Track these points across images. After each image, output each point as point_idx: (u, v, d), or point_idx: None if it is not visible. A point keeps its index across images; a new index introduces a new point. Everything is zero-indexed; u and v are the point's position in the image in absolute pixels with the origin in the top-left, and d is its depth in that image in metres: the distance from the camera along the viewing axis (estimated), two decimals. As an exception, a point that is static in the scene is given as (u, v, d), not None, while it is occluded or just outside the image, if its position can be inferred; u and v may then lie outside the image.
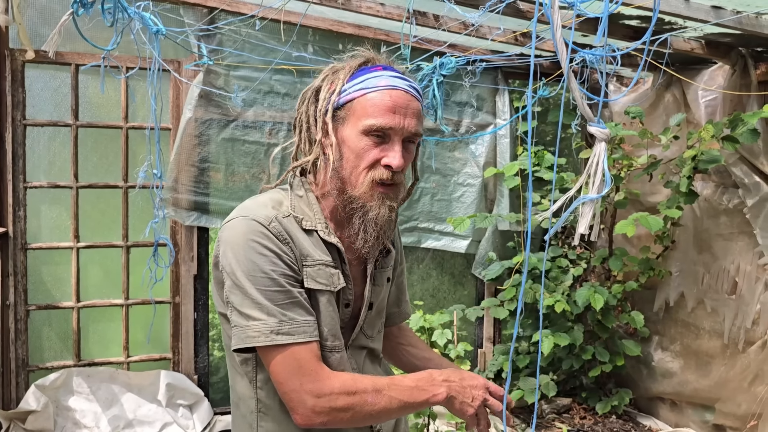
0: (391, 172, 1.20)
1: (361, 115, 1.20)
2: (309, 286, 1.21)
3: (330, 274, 1.24)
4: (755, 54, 2.99)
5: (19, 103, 3.06)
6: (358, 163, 1.20)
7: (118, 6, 1.57)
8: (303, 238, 1.22)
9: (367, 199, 1.21)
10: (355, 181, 1.21)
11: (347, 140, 1.21)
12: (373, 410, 1.17)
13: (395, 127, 1.19)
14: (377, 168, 1.20)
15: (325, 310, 1.23)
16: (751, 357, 3.05)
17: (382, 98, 1.19)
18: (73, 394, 3.15)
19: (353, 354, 1.34)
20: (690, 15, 2.40)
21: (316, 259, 1.23)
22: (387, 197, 1.22)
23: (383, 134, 1.20)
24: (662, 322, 3.55)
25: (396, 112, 1.19)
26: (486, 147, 3.79)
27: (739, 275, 3.12)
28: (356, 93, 1.21)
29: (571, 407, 3.66)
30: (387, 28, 3.39)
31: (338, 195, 1.25)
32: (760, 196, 2.95)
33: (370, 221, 1.22)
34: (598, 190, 0.67)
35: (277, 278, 1.16)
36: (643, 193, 3.53)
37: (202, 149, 3.30)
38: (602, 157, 0.67)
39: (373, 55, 1.27)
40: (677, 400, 3.49)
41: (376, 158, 1.20)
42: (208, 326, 3.47)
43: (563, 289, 3.50)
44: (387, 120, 1.18)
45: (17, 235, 3.10)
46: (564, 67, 0.66)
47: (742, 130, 2.80)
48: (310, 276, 1.21)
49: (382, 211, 1.21)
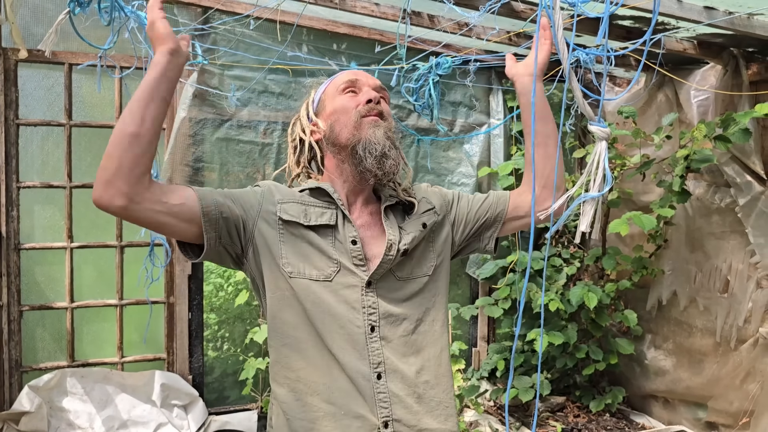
0: (372, 103, 1.40)
1: (333, 92, 1.46)
2: (280, 216, 1.36)
3: (305, 211, 1.37)
4: (747, 54, 3.01)
5: (12, 102, 3.05)
6: (344, 112, 1.41)
7: (115, 5, 1.57)
8: (291, 190, 1.42)
9: (360, 130, 1.38)
10: (347, 125, 1.40)
11: (331, 111, 1.44)
12: (123, 118, 1.20)
13: (360, 78, 1.46)
14: (360, 107, 1.41)
15: (302, 242, 1.35)
16: (743, 355, 3.08)
17: (344, 74, 1.49)
18: (67, 395, 3.14)
19: (381, 295, 1.37)
20: (683, 15, 2.42)
21: (294, 199, 1.39)
22: (376, 123, 1.39)
23: (355, 87, 1.44)
24: (655, 321, 3.57)
25: (357, 75, 1.47)
26: (480, 146, 3.80)
27: (731, 274, 3.15)
28: (324, 87, 1.50)
29: (564, 405, 3.68)
30: (381, 27, 3.40)
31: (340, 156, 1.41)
32: (752, 195, 2.98)
33: (370, 141, 1.36)
34: (599, 188, 0.68)
35: (227, 191, 1.37)
36: (635, 193, 3.55)
37: (196, 149, 3.29)
38: (603, 156, 0.68)
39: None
40: (670, 398, 3.52)
41: (356, 102, 1.42)
42: (203, 326, 3.47)
43: (557, 288, 3.52)
44: (353, 76, 1.46)
45: (10, 235, 3.08)
46: (565, 68, 0.67)
47: (734, 129, 2.83)
48: (284, 210, 1.37)
49: (377, 132, 1.38)
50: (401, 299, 1.39)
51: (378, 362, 1.33)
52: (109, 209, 1.19)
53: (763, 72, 3.03)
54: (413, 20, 3.02)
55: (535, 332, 3.41)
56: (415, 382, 1.35)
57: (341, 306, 1.33)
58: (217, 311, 4.31)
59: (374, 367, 1.32)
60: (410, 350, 1.37)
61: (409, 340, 1.38)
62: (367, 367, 1.32)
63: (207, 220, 1.27)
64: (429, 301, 1.43)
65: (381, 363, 1.33)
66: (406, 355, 1.36)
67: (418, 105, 2.24)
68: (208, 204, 1.27)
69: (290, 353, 1.35)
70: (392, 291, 1.38)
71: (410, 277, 1.42)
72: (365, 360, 1.32)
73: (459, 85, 3.63)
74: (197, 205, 1.26)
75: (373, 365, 1.32)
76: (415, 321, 1.39)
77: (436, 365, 1.40)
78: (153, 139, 1.20)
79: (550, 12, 0.69)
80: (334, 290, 1.33)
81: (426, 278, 1.43)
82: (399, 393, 1.33)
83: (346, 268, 1.35)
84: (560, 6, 0.70)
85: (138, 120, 1.18)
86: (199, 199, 1.27)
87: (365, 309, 1.34)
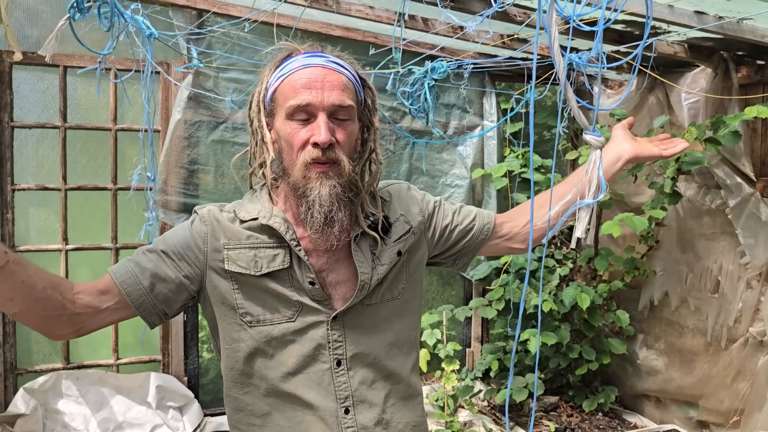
0: (320, 149, 1.17)
1: (282, 102, 1.20)
2: (228, 269, 1.24)
3: (256, 257, 1.24)
4: (736, 57, 3.05)
5: (7, 104, 3.05)
6: (290, 149, 1.20)
7: (115, 11, 1.58)
8: (236, 229, 1.26)
9: (306, 182, 1.19)
10: (293, 167, 1.20)
11: (279, 131, 1.22)
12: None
13: (312, 102, 1.17)
14: (307, 148, 1.18)
15: (256, 289, 1.24)
16: (734, 354, 3.12)
17: (296, 79, 1.19)
18: (62, 397, 3.14)
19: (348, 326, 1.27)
20: (674, 20, 2.46)
21: (241, 242, 1.24)
22: (324, 176, 1.18)
23: (306, 113, 1.18)
24: (647, 321, 3.61)
25: (311, 87, 1.17)
26: (473, 148, 3.83)
27: (721, 274, 3.18)
28: (278, 82, 1.22)
29: (558, 405, 3.71)
30: (376, 30, 3.42)
31: (290, 190, 1.24)
32: (742, 197, 3.01)
33: (314, 204, 1.18)
34: (594, 195, 0.70)
35: (168, 240, 1.27)
36: (627, 194, 3.59)
37: (191, 151, 3.30)
38: (598, 164, 0.70)
39: (296, 46, 1.26)
40: (662, 397, 3.55)
41: (304, 139, 1.18)
42: (198, 328, 3.48)
43: (550, 288, 3.55)
44: (302, 97, 1.17)
45: (5, 237, 3.08)
46: (561, 79, 0.69)
47: (724, 132, 2.86)
48: (230, 259, 1.24)
49: (322, 191, 1.18)
50: (370, 326, 1.30)
51: (345, 396, 1.27)
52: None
53: (752, 75, 3.07)
54: (408, 23, 3.04)
55: (528, 332, 3.44)
56: (383, 408, 1.31)
57: (305, 346, 1.25)
58: (212, 313, 4.33)
59: (341, 401, 1.26)
60: (379, 375, 1.31)
61: (378, 366, 1.31)
62: (334, 403, 1.26)
63: (143, 310, 1.25)
64: (399, 323, 1.34)
65: (348, 396, 1.27)
66: (375, 381, 1.30)
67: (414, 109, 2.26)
68: (135, 297, 1.23)
69: (254, 401, 1.28)
70: (360, 318, 1.29)
71: (380, 301, 1.31)
72: (332, 396, 1.26)
73: (452, 87, 3.66)
74: (127, 300, 1.23)
75: (340, 400, 1.27)
76: (385, 346, 1.32)
77: (406, 386, 1.35)
78: (34, 301, 1.13)
79: (546, 24, 0.71)
80: (298, 330, 1.25)
81: (396, 301, 1.34)
82: (368, 424, 1.28)
83: (307, 306, 1.25)
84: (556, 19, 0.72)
85: (8, 306, 1.12)
86: (126, 295, 1.23)
87: (330, 344, 1.26)
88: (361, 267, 1.27)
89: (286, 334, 1.25)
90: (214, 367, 3.63)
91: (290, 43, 1.27)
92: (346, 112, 1.21)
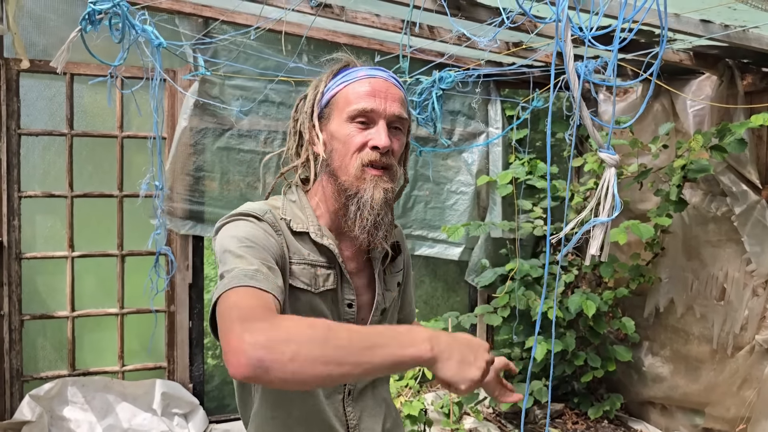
0: (380, 153, 1.20)
1: (343, 105, 1.23)
2: (291, 284, 1.20)
3: (316, 274, 1.23)
4: (742, 65, 3.06)
5: (14, 112, 3.06)
6: (346, 150, 1.22)
7: (126, 23, 1.59)
8: (298, 242, 1.23)
9: (360, 183, 1.21)
10: (346, 167, 1.22)
11: (334, 133, 1.24)
12: (325, 353, 0.86)
13: (377, 108, 1.21)
14: (365, 150, 1.21)
15: (307, 311, 1.22)
16: (740, 362, 3.11)
17: (361, 85, 1.23)
18: (67, 404, 3.15)
19: None
20: (680, 28, 2.46)
21: (304, 258, 1.22)
22: (379, 179, 1.21)
23: (367, 119, 1.22)
24: (652, 328, 3.60)
25: (376, 96, 1.22)
26: (479, 155, 3.83)
27: (727, 282, 3.18)
28: (338, 88, 1.25)
29: (563, 412, 3.70)
30: (381, 38, 3.43)
31: (334, 192, 1.25)
32: (748, 204, 3.01)
33: (365, 205, 1.20)
34: (608, 213, 0.70)
35: (262, 244, 1.13)
36: (633, 201, 3.59)
37: (197, 158, 3.31)
38: (612, 182, 0.70)
39: (353, 59, 1.31)
40: (667, 405, 3.54)
41: (362, 142, 1.21)
42: (203, 335, 3.48)
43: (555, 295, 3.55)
44: (368, 103, 1.21)
45: (12, 244, 3.09)
46: (576, 98, 0.69)
47: (729, 139, 2.87)
48: (294, 274, 1.20)
49: (376, 194, 1.20)
50: None
51: (354, 425, 1.31)
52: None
53: (757, 82, 3.07)
54: (413, 31, 3.05)
55: (533, 339, 3.44)
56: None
57: None
58: (217, 319, 4.32)
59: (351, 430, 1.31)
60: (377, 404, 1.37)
61: (376, 395, 1.37)
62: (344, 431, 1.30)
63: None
64: None
65: (356, 426, 1.32)
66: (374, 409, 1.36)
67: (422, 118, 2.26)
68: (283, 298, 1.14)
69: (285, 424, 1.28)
70: None
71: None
72: (344, 425, 1.30)
73: (458, 94, 3.66)
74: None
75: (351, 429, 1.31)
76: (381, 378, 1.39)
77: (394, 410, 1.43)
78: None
79: (561, 44, 0.71)
80: None
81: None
82: None
83: None
84: (570, 38, 0.72)
85: (341, 371, 0.88)
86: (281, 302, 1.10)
87: None
88: (379, 289, 1.31)
89: None
90: (220, 373, 3.64)
91: (347, 55, 1.31)
92: (401, 124, 1.26)
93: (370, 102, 1.21)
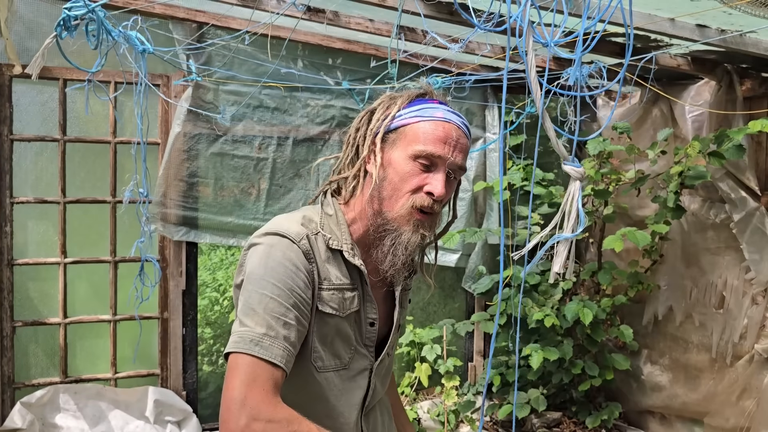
0: (432, 200, 1.21)
1: (412, 140, 1.23)
2: (320, 309, 1.22)
3: (343, 298, 1.24)
4: (740, 70, 3.02)
5: (6, 118, 3.05)
6: (401, 185, 1.22)
7: (102, 29, 1.57)
8: (326, 259, 1.24)
9: (403, 223, 1.22)
10: (395, 202, 1.23)
11: (394, 162, 1.24)
12: None
13: (444, 156, 1.21)
14: (419, 194, 1.22)
15: (334, 334, 1.25)
16: (739, 371, 3.06)
17: (435, 128, 1.23)
18: (59, 411, 3.12)
19: (377, 373, 1.34)
20: (675, 33, 2.43)
21: (332, 283, 1.23)
22: (422, 225, 1.23)
23: (430, 162, 1.22)
24: (651, 336, 3.55)
25: (447, 143, 1.22)
26: (476, 161, 3.80)
27: (726, 290, 3.13)
28: (411, 119, 1.25)
29: (561, 421, 3.65)
30: (377, 43, 3.40)
31: (373, 216, 1.25)
32: (747, 211, 2.97)
33: (401, 245, 1.22)
34: (572, 229, 0.67)
35: (286, 290, 1.15)
36: (631, 207, 3.55)
37: (190, 164, 3.29)
38: (577, 197, 0.67)
39: (432, 89, 1.32)
40: (666, 414, 3.50)
41: (419, 184, 1.22)
42: (197, 341, 3.45)
43: (552, 303, 3.51)
44: (437, 148, 1.21)
45: (3, 250, 3.07)
46: (539, 107, 0.66)
47: (728, 146, 2.83)
48: (323, 299, 1.22)
49: (413, 238, 1.22)
50: (384, 374, 1.39)
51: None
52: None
53: (756, 88, 3.03)
54: (408, 36, 3.02)
55: (530, 348, 3.40)
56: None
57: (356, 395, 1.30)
58: (213, 326, 4.29)
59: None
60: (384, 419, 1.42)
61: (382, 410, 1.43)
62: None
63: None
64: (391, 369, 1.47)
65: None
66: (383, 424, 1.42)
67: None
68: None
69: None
70: (382, 368, 1.36)
71: (393, 351, 1.43)
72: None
73: (454, 100, 3.63)
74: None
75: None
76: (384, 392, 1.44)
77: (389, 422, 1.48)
78: None
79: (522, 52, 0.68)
80: (350, 378, 1.29)
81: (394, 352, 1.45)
82: None
83: (359, 352, 1.30)
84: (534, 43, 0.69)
85: None
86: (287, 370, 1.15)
87: (368, 392, 1.32)
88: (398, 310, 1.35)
89: (343, 381, 1.27)
90: (214, 380, 3.61)
91: (427, 85, 1.32)
92: (459, 173, 1.27)
93: (439, 148, 1.21)
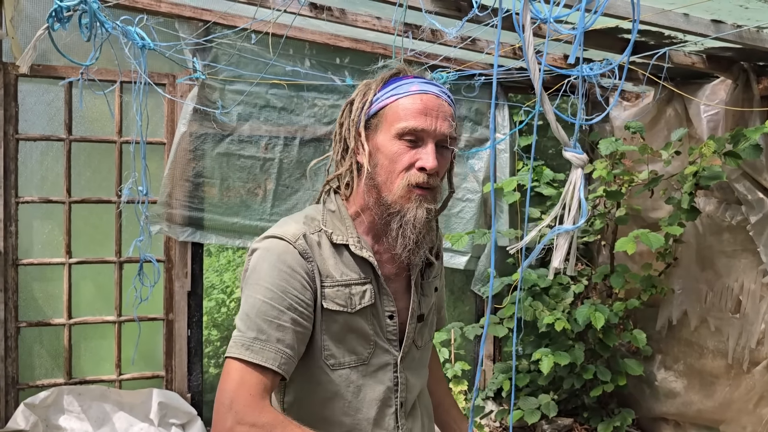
0: (426, 174, 1.19)
1: (393, 120, 1.21)
2: (326, 307, 1.21)
3: (351, 294, 1.22)
4: (757, 68, 2.94)
5: (12, 117, 3.04)
6: (392, 167, 1.21)
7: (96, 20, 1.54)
8: (329, 256, 1.22)
9: (404, 202, 1.20)
10: (391, 185, 1.21)
11: (381, 146, 1.22)
12: None
13: (427, 128, 1.19)
14: (412, 171, 1.20)
15: (345, 331, 1.23)
16: (756, 378, 2.97)
17: (413, 102, 1.21)
18: (63, 413, 3.10)
19: (406, 367, 1.31)
20: (690, 29, 2.36)
21: (336, 280, 1.22)
22: (424, 199, 1.21)
23: (416, 137, 1.20)
24: (665, 341, 3.47)
25: (427, 114, 1.20)
26: (485, 162, 3.74)
27: (743, 294, 3.05)
28: (388, 99, 1.23)
29: (572, 427, 3.57)
30: (384, 41, 3.36)
31: (375, 204, 1.24)
32: (764, 213, 2.88)
33: (408, 224, 1.20)
34: (574, 220, 0.62)
35: (279, 293, 1.15)
36: (644, 209, 3.46)
37: (196, 164, 3.26)
38: (579, 185, 0.62)
39: (405, 67, 1.29)
40: (681, 421, 3.41)
41: (410, 161, 1.20)
42: (202, 343, 3.42)
43: (563, 306, 3.43)
44: (419, 122, 1.19)
45: (8, 250, 3.06)
46: (537, 87, 0.61)
47: (744, 145, 2.75)
48: (327, 297, 1.21)
49: (419, 214, 1.20)
50: (418, 368, 1.36)
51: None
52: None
53: (774, 86, 2.95)
54: (415, 34, 2.97)
55: (540, 352, 3.32)
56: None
57: (377, 390, 1.26)
58: (219, 327, 4.26)
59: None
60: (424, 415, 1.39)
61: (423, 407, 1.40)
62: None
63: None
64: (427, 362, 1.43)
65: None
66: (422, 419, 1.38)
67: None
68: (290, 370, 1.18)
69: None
70: (413, 361, 1.34)
71: (425, 344, 1.39)
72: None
73: (464, 99, 3.58)
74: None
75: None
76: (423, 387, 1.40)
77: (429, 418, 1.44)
78: None
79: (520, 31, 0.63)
80: (370, 374, 1.26)
81: (430, 342, 1.43)
82: None
83: (380, 347, 1.27)
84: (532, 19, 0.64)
85: None
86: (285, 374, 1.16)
87: (397, 387, 1.29)
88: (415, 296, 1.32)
89: (363, 377, 1.25)
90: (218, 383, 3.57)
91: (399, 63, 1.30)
92: (449, 142, 1.24)
93: (420, 121, 1.19)
